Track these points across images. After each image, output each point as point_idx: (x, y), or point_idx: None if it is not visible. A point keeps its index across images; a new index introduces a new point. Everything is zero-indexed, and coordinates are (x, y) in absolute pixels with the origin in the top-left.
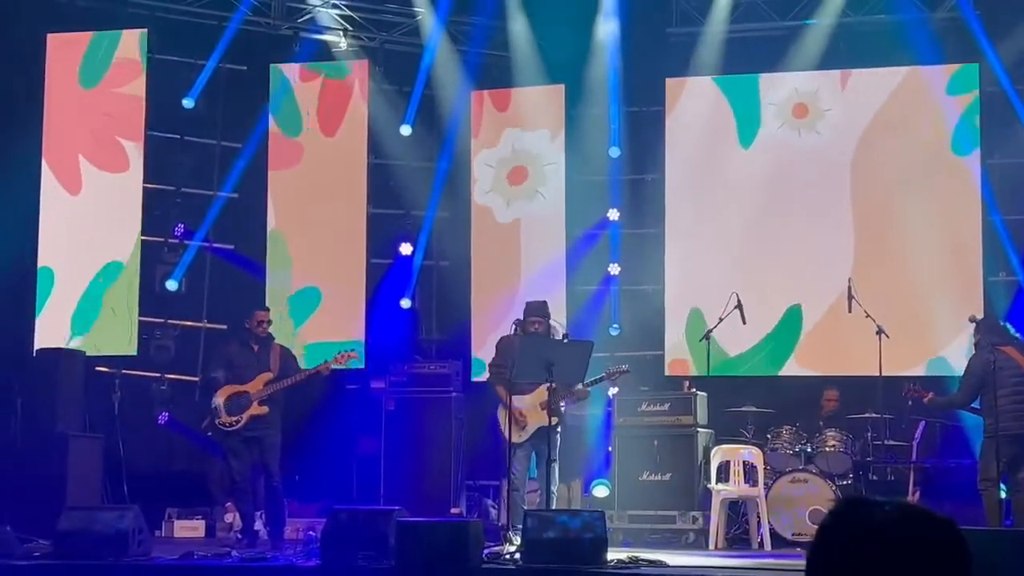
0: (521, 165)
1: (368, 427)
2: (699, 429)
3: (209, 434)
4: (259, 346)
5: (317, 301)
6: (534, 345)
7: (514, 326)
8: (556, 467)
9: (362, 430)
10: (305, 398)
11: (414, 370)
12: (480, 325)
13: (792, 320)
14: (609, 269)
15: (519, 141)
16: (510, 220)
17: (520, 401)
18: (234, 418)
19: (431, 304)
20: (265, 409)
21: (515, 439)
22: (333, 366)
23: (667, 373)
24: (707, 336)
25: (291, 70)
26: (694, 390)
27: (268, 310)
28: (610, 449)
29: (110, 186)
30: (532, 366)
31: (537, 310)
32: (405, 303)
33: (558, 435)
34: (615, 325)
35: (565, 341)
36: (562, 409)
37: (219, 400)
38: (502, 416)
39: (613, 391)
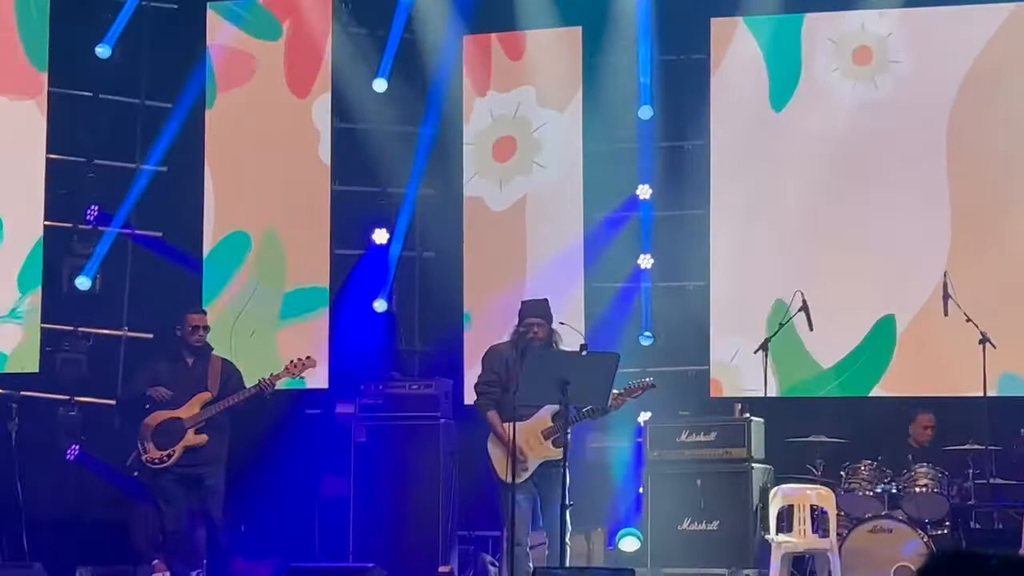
0: (508, 136)
1: (333, 463)
2: (754, 464)
3: (135, 474)
4: (194, 359)
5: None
6: (545, 359)
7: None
8: (568, 513)
9: (326, 467)
10: (252, 426)
11: (391, 390)
12: (475, 333)
13: (884, 329)
14: (639, 262)
15: (513, 104)
16: (509, 205)
17: (519, 430)
18: (164, 452)
19: (413, 307)
20: (204, 439)
21: (508, 479)
22: (283, 380)
23: (713, 394)
24: (764, 346)
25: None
26: (748, 415)
27: (205, 313)
28: (641, 490)
29: None
30: (542, 385)
31: (535, 310)
32: (380, 305)
33: (566, 472)
34: (647, 333)
35: (584, 354)
36: (568, 437)
37: (146, 430)
38: (495, 450)
39: (644, 417)
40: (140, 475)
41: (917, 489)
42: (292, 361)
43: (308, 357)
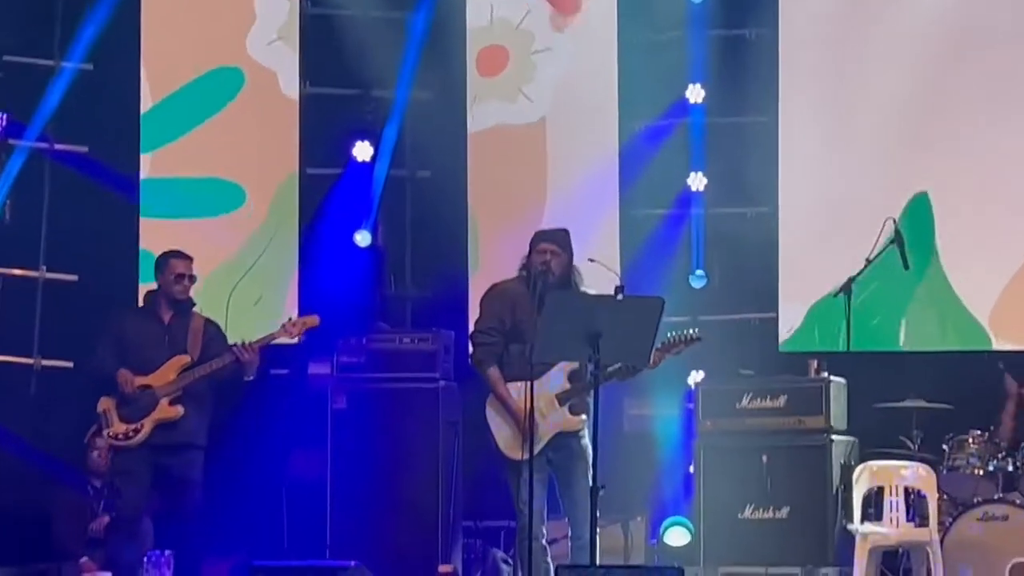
0: (500, 46)
1: (305, 436)
2: (835, 436)
3: (95, 455)
4: (172, 315)
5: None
6: (569, 304)
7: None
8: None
9: (296, 441)
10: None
11: (377, 346)
12: (483, 274)
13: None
14: (688, 182)
15: None
16: (524, 111)
17: (523, 390)
18: (131, 426)
19: (404, 241)
20: (179, 411)
21: (515, 454)
22: (279, 340)
23: (783, 348)
24: (847, 288)
25: None
26: (826, 374)
27: (191, 259)
28: (691, 470)
29: None
30: (566, 338)
31: (550, 237)
32: (362, 238)
33: (596, 446)
34: (698, 272)
35: (619, 298)
36: (590, 402)
37: (107, 402)
38: (496, 419)
39: (695, 377)
40: (94, 458)
41: None
42: (290, 319)
43: (312, 316)
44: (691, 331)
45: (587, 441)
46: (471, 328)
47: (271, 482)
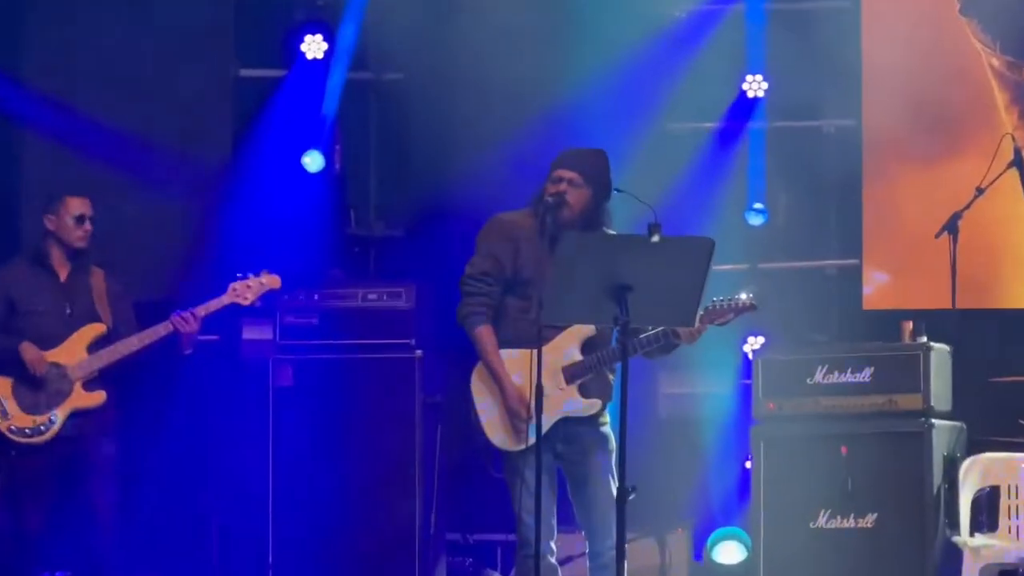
0: None
1: (239, 422)
2: (936, 421)
3: None
4: (70, 270)
5: None
6: (588, 248)
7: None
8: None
9: (226, 431)
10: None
11: (334, 303)
12: (474, 207)
13: None
14: (744, 86)
15: None
16: None
17: (519, 362)
18: (40, 418)
19: (368, 165)
20: (100, 396)
21: (512, 444)
22: (232, 301)
23: (868, 305)
24: (952, 226)
25: None
26: (925, 339)
27: (87, 199)
28: (748, 465)
29: None
30: (584, 292)
31: (572, 161)
32: (313, 161)
33: (608, 434)
34: (757, 207)
35: (655, 239)
36: (611, 380)
37: (2, 387)
38: (482, 396)
39: (752, 344)
40: None
41: None
42: (241, 278)
43: (271, 275)
44: (746, 296)
45: (608, 429)
46: (457, 278)
47: (196, 483)
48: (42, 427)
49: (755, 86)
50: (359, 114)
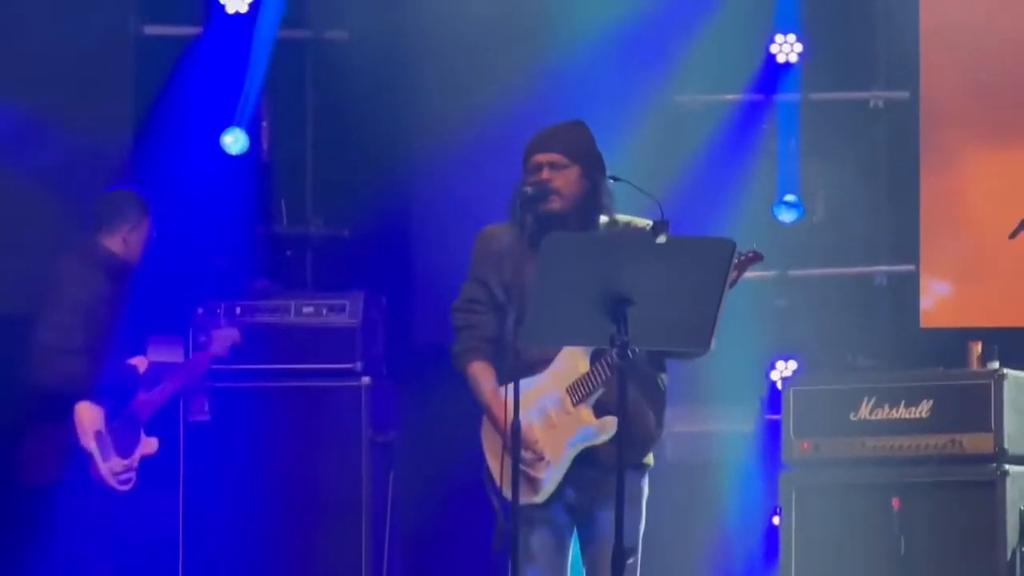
0: None
1: (145, 467)
2: (1010, 467)
3: None
4: (115, 280)
5: None
6: (577, 251)
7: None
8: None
9: (134, 475)
10: None
11: (261, 318)
12: (440, 198)
13: None
14: (773, 50)
15: None
16: None
17: (523, 396)
18: (126, 463)
19: (304, 145)
20: (154, 444)
21: (524, 497)
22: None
23: (926, 323)
24: None
25: None
26: (997, 364)
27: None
28: (776, 520)
29: None
30: (573, 307)
31: (549, 142)
32: (235, 141)
33: (638, 483)
34: (790, 198)
35: (660, 239)
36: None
37: (91, 419)
38: (493, 448)
39: (782, 371)
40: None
41: None
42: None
43: (229, 329)
44: (748, 251)
45: (642, 473)
46: (416, 289)
47: (89, 540)
48: (129, 471)
49: (786, 49)
50: (293, 82)
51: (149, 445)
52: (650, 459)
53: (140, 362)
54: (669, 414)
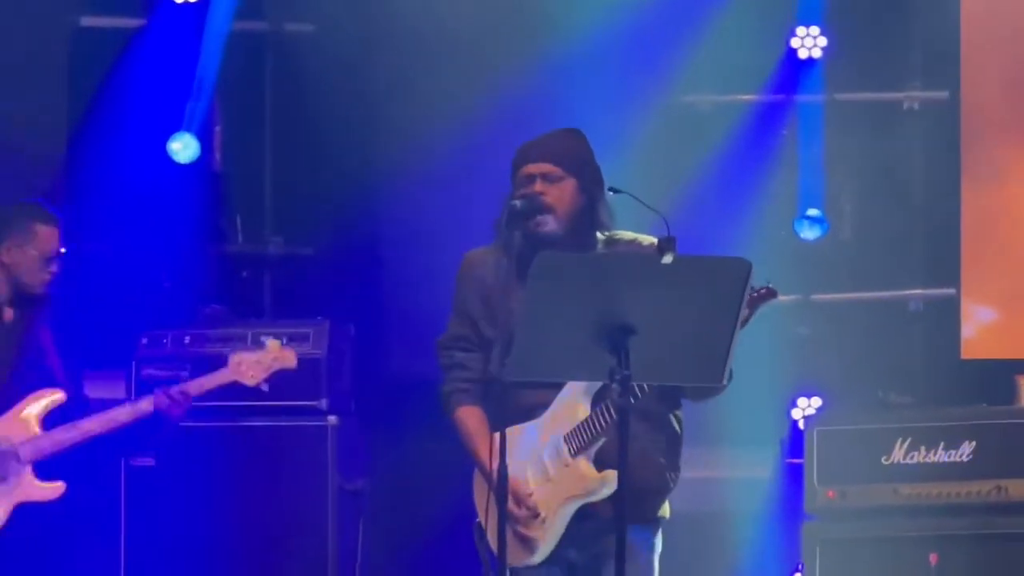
0: None
1: (81, 517)
2: None
3: None
4: (17, 318)
5: None
6: (572, 273)
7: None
8: None
9: (64, 526)
10: None
11: (213, 350)
12: (415, 215)
13: None
14: (794, 44)
15: None
16: None
17: (515, 437)
18: None
19: (262, 152)
20: (57, 488)
21: (520, 557)
22: (235, 379)
23: (967, 353)
24: None
25: None
26: None
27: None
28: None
29: None
30: (565, 336)
31: (542, 151)
32: (183, 148)
33: (654, 544)
34: (812, 213)
35: (667, 259)
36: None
37: None
38: (482, 495)
39: (804, 409)
40: None
41: None
42: (245, 348)
43: (276, 344)
44: (760, 287)
45: (653, 528)
46: (390, 316)
47: None
48: None
49: (808, 43)
50: (250, 82)
51: (36, 490)
52: (665, 511)
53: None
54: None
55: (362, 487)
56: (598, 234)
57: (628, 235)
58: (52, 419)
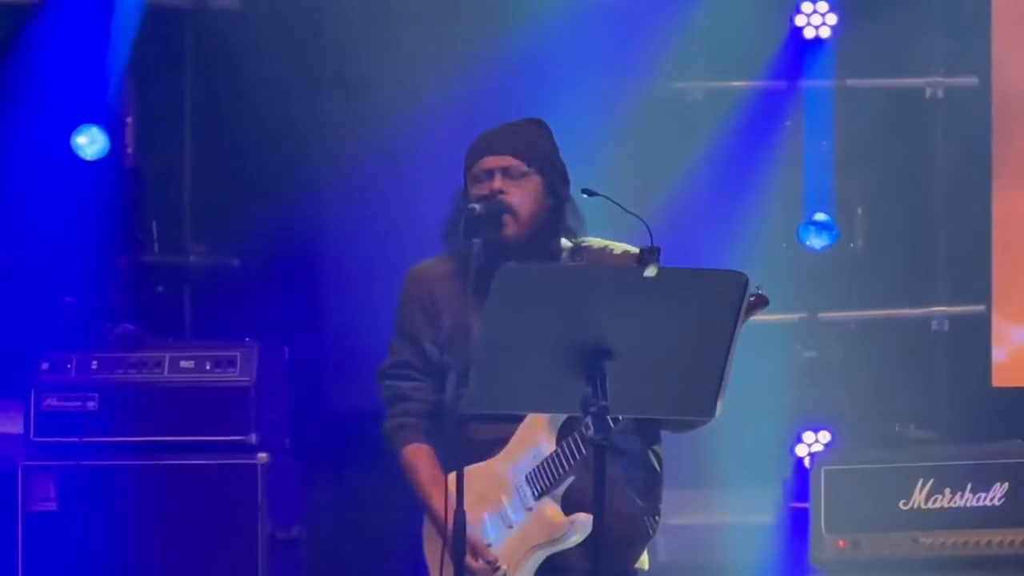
0: None
1: None
2: None
3: None
4: None
5: None
6: (540, 288)
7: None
8: None
9: None
10: None
11: (124, 377)
12: (361, 217)
13: None
14: (798, 22)
15: None
16: None
17: (473, 475)
18: None
19: (182, 146)
20: None
21: None
22: None
23: (999, 381)
24: None
25: None
26: None
27: None
28: None
29: None
30: (532, 362)
31: (498, 143)
32: (90, 142)
33: None
34: (820, 218)
35: (649, 271)
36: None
37: None
38: (435, 547)
39: (810, 445)
40: None
41: None
42: None
43: None
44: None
45: None
46: (333, 334)
47: None
48: None
49: (816, 21)
50: (168, 65)
51: None
52: (644, 562)
53: None
54: (664, 501)
55: (297, 535)
56: (563, 241)
57: (598, 242)
58: None
